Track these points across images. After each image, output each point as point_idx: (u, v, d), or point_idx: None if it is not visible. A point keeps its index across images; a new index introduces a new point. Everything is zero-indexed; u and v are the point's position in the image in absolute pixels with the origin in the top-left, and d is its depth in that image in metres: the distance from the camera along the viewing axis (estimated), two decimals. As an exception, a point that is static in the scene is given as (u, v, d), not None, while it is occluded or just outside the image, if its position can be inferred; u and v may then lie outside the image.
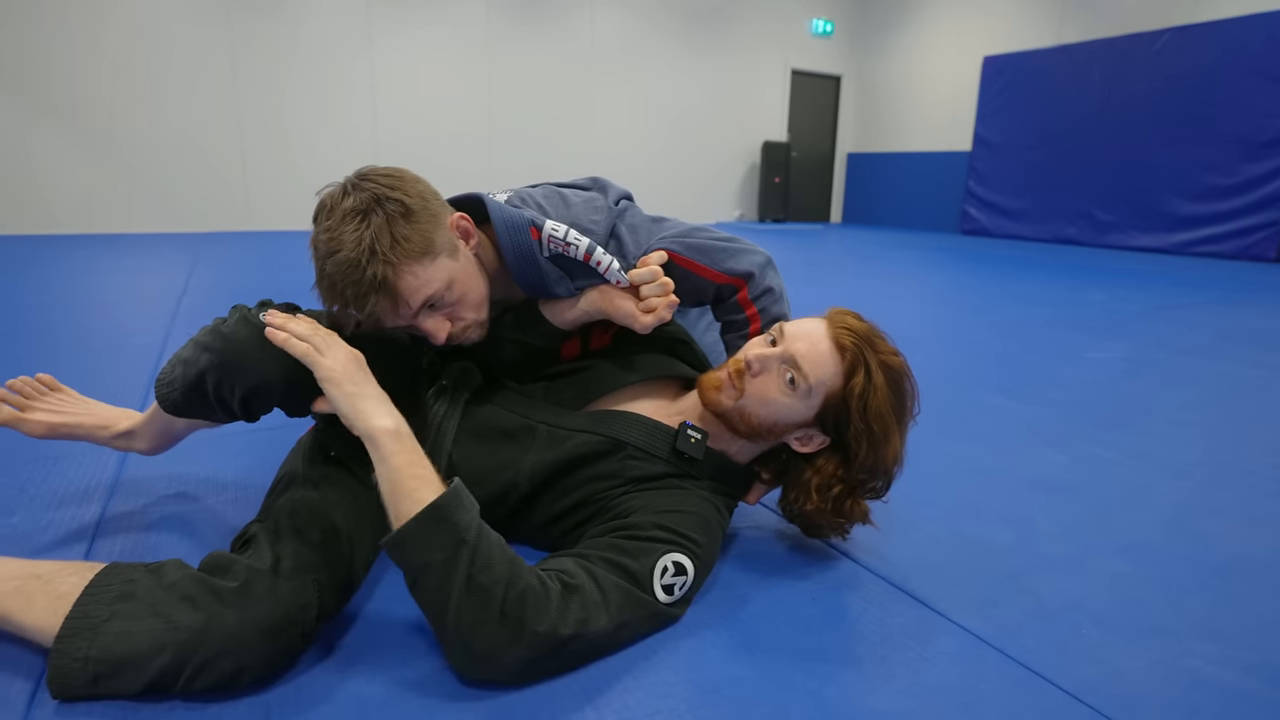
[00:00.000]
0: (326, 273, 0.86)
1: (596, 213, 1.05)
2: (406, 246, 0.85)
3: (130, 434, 1.08)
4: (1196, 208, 5.94)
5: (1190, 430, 1.67)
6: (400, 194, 0.87)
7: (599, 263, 0.98)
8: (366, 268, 0.83)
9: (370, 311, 0.87)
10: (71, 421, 1.07)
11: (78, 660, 0.70)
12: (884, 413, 0.93)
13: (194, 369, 0.84)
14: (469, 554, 0.73)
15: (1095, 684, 0.80)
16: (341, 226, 0.84)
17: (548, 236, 0.98)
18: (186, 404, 0.87)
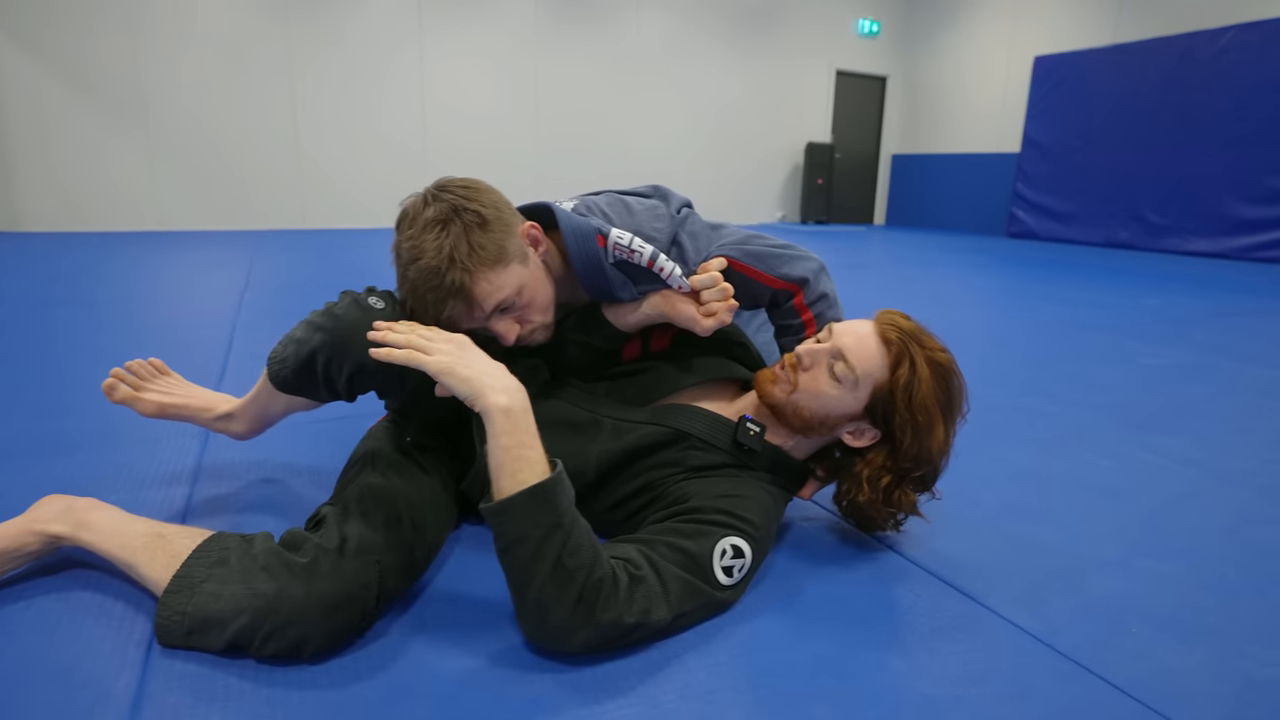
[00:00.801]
0: (409, 278, 0.93)
1: (659, 220, 1.10)
2: (482, 254, 0.92)
3: (229, 416, 1.15)
4: (1257, 211, 5.75)
5: (1246, 438, 1.65)
6: (477, 204, 0.94)
7: (662, 269, 1.03)
8: (445, 274, 0.90)
9: (447, 315, 0.93)
10: (179, 403, 1.16)
11: (177, 614, 0.80)
12: (929, 404, 0.96)
13: (306, 348, 0.91)
14: (563, 537, 0.78)
15: (1145, 680, 0.82)
16: (423, 235, 0.91)
17: (613, 244, 1.03)
18: (296, 381, 0.94)
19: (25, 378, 1.87)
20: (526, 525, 0.77)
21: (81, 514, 0.93)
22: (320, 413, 1.62)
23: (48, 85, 5.45)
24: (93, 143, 5.68)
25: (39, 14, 5.35)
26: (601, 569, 0.80)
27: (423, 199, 0.96)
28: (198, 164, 6.03)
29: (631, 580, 0.82)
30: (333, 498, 0.97)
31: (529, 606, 0.79)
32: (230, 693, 0.75)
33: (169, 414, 1.16)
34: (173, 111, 5.86)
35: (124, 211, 5.87)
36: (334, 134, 6.41)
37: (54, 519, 0.93)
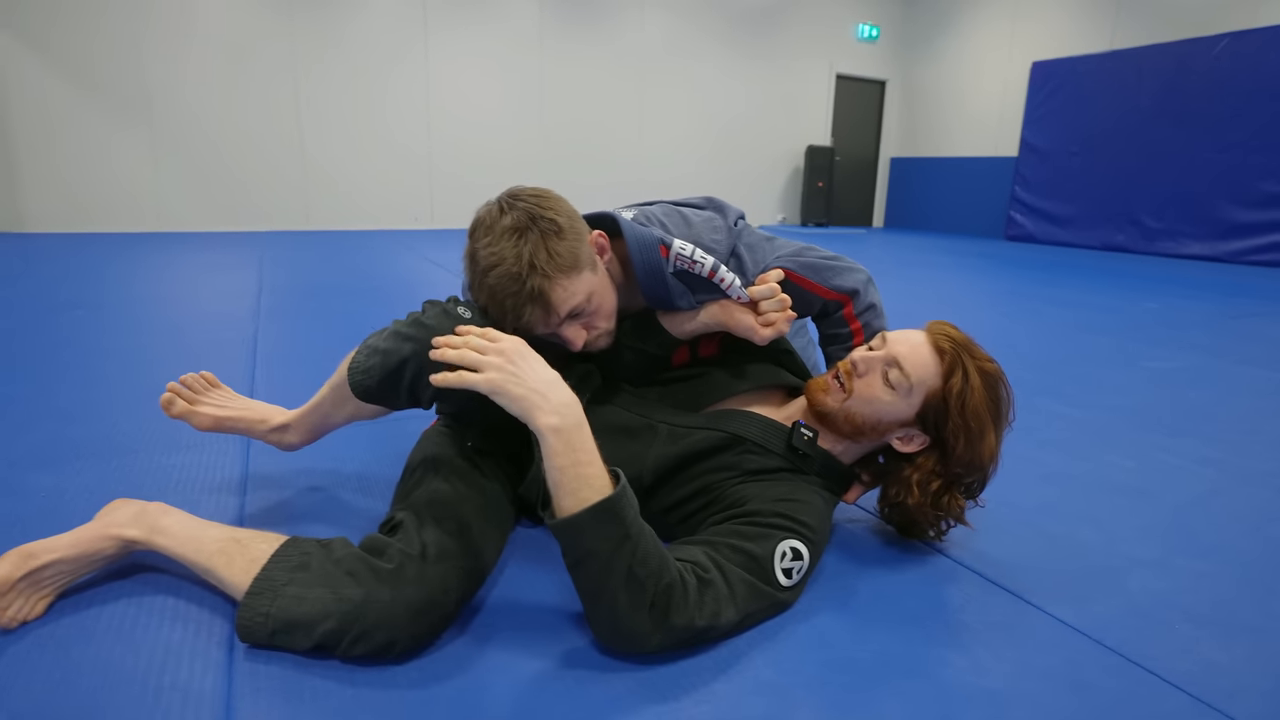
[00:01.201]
0: (488, 284, 0.95)
1: (717, 232, 1.13)
2: (558, 261, 0.95)
3: (284, 428, 1.15)
4: (1252, 215, 5.84)
5: (1258, 439, 1.70)
6: (551, 213, 0.96)
7: (723, 280, 1.06)
8: (526, 280, 0.93)
9: (525, 321, 0.96)
10: (234, 416, 1.16)
11: (260, 615, 0.82)
12: (981, 411, 1.00)
13: (395, 358, 0.91)
14: (631, 548, 0.79)
15: (1193, 675, 0.85)
16: (501, 242, 0.94)
17: (676, 254, 1.06)
18: (379, 390, 0.94)
19: (49, 383, 1.88)
20: (594, 541, 0.79)
21: (155, 519, 0.96)
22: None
23: (52, 84, 5.44)
24: (96, 142, 5.66)
25: (45, 13, 5.34)
26: (670, 574, 0.81)
27: (498, 207, 0.98)
28: (201, 164, 6.02)
29: (700, 583, 0.84)
30: (400, 503, 0.99)
31: (602, 615, 0.82)
32: (317, 693, 0.78)
33: (224, 427, 1.16)
34: (176, 111, 5.85)
35: (127, 212, 5.86)
36: (338, 135, 6.41)
37: (129, 524, 0.95)
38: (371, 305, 3.08)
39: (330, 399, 1.08)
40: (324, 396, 1.09)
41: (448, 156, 6.88)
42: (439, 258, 4.84)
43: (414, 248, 5.37)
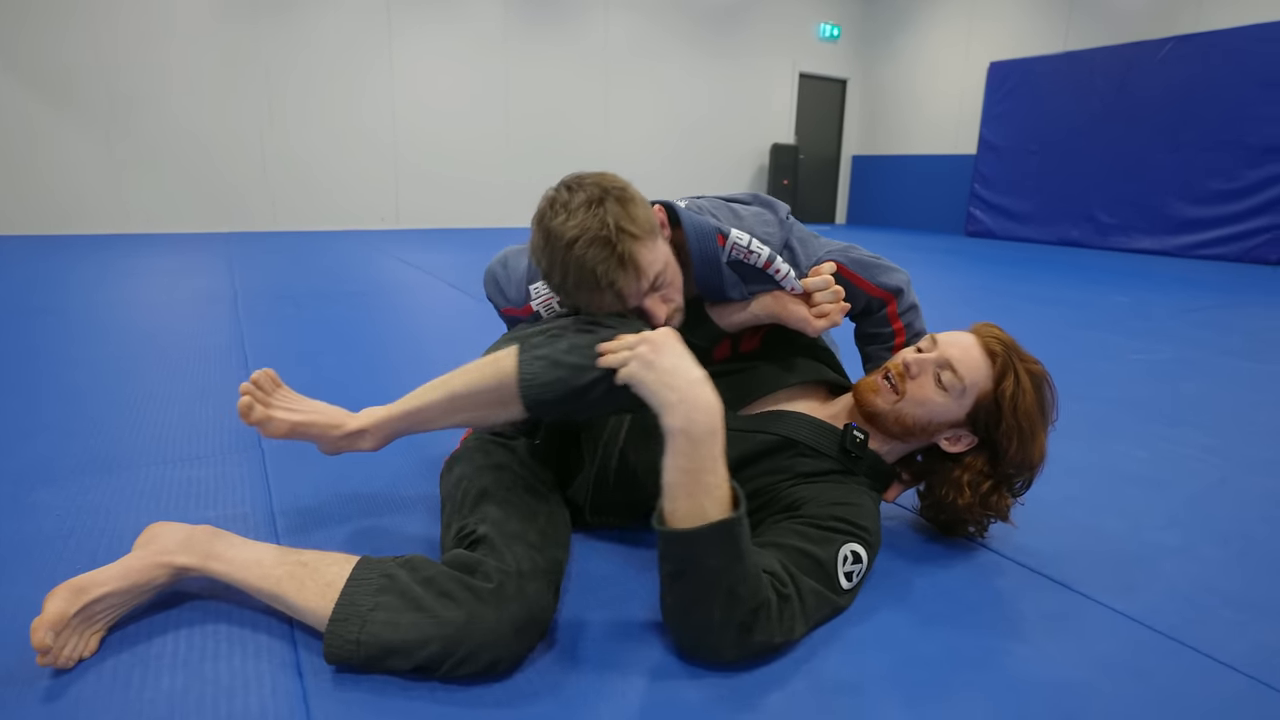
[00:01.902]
0: (575, 256, 0.93)
1: (768, 226, 1.14)
2: (639, 227, 0.94)
3: (360, 434, 1.02)
4: (1199, 211, 6.10)
5: (1255, 428, 1.78)
6: (619, 186, 0.96)
7: (778, 270, 1.07)
8: (616, 244, 0.92)
9: (616, 289, 0.94)
10: (308, 420, 1.00)
11: (350, 642, 0.79)
12: (1032, 413, 1.02)
13: (586, 376, 0.88)
14: (741, 571, 0.79)
15: (1248, 657, 0.89)
16: (581, 214, 0.93)
17: (732, 244, 1.06)
18: (555, 403, 0.90)
19: (38, 395, 1.79)
20: (706, 558, 0.78)
21: (208, 544, 0.91)
22: None
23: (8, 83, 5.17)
24: (57, 143, 5.40)
25: (11, 14, 5.07)
26: (763, 594, 0.81)
27: (565, 188, 0.97)
28: (165, 165, 5.79)
29: (780, 599, 0.84)
30: (467, 515, 0.94)
31: (690, 625, 0.82)
32: (403, 715, 0.76)
33: (298, 434, 1.00)
34: (140, 112, 5.62)
35: (89, 214, 5.60)
36: (304, 135, 6.24)
37: (179, 550, 0.90)
38: (354, 310, 3.01)
39: (443, 406, 0.97)
40: (431, 403, 0.98)
41: (414, 157, 6.77)
42: (411, 258, 4.75)
43: (383, 249, 5.27)
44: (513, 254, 1.27)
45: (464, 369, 0.96)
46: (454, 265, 4.52)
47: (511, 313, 1.24)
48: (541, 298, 1.17)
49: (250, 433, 1.57)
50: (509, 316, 1.27)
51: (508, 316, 1.27)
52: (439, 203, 7.00)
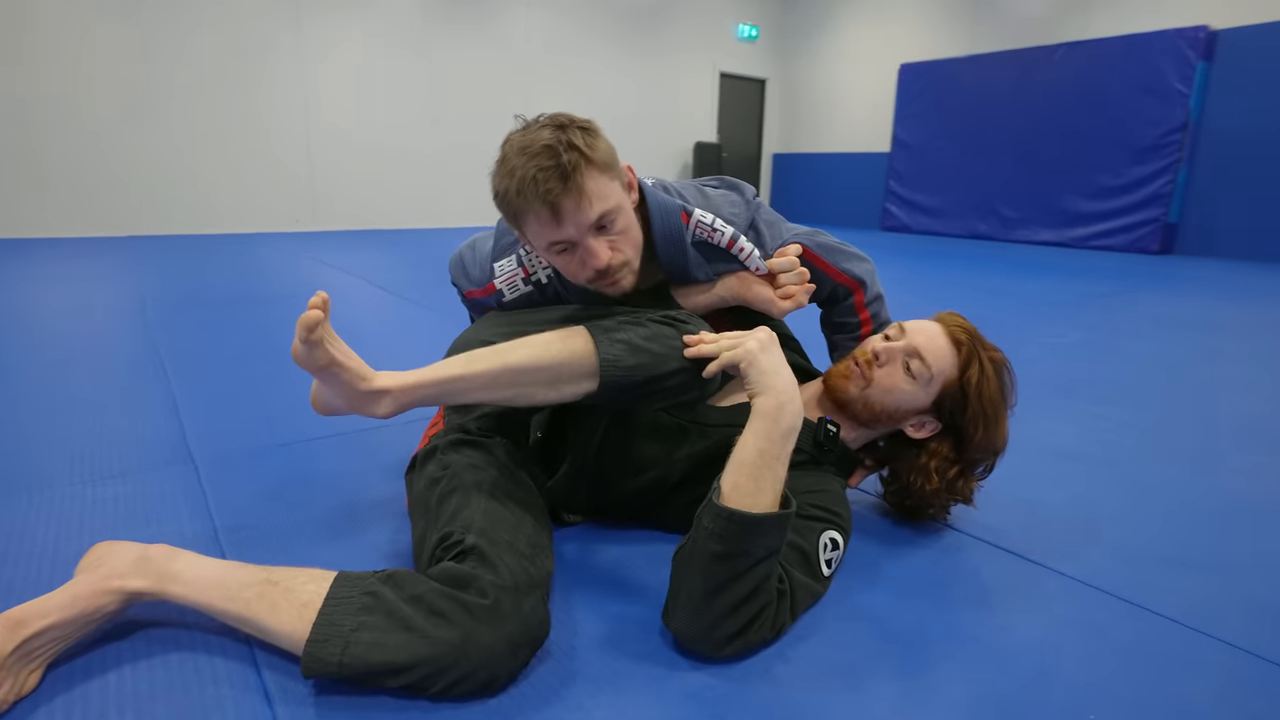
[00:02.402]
0: (521, 162, 0.90)
1: (734, 207, 1.14)
2: (594, 154, 0.92)
3: (383, 394, 0.92)
4: (1091, 205, 6.56)
5: (1166, 402, 1.92)
6: (586, 121, 0.96)
7: (742, 249, 1.07)
8: (561, 155, 0.89)
9: (554, 204, 0.90)
10: (345, 362, 0.90)
11: (331, 665, 0.74)
12: (996, 399, 1.07)
13: (669, 364, 0.91)
14: (774, 564, 0.83)
15: (1182, 609, 0.96)
16: (539, 131, 0.92)
17: (696, 222, 1.06)
18: (628, 386, 0.91)
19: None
20: (758, 545, 0.81)
21: (163, 564, 0.84)
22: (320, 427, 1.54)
23: None
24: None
25: None
26: (773, 594, 0.85)
27: (535, 117, 0.97)
28: (52, 163, 5.32)
29: (779, 596, 0.87)
30: (449, 523, 0.89)
31: (706, 611, 0.81)
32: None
33: (332, 371, 0.89)
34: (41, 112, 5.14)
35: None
36: (209, 132, 5.87)
37: (131, 573, 0.83)
38: (276, 314, 2.86)
39: (492, 377, 0.92)
40: (478, 373, 0.92)
41: (329, 157, 6.49)
42: (333, 260, 4.56)
43: (301, 251, 5.03)
44: (480, 238, 1.25)
45: (520, 342, 0.93)
46: (379, 266, 4.37)
47: (474, 294, 1.21)
48: (505, 275, 1.15)
49: (179, 446, 1.47)
50: (472, 300, 1.24)
51: (470, 300, 1.25)
52: (359, 203, 6.75)
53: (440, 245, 5.60)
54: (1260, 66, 5.67)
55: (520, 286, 1.14)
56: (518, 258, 1.14)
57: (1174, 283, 4.42)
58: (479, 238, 1.27)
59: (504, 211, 0.98)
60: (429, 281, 3.75)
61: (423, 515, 0.96)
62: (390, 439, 1.52)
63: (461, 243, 1.29)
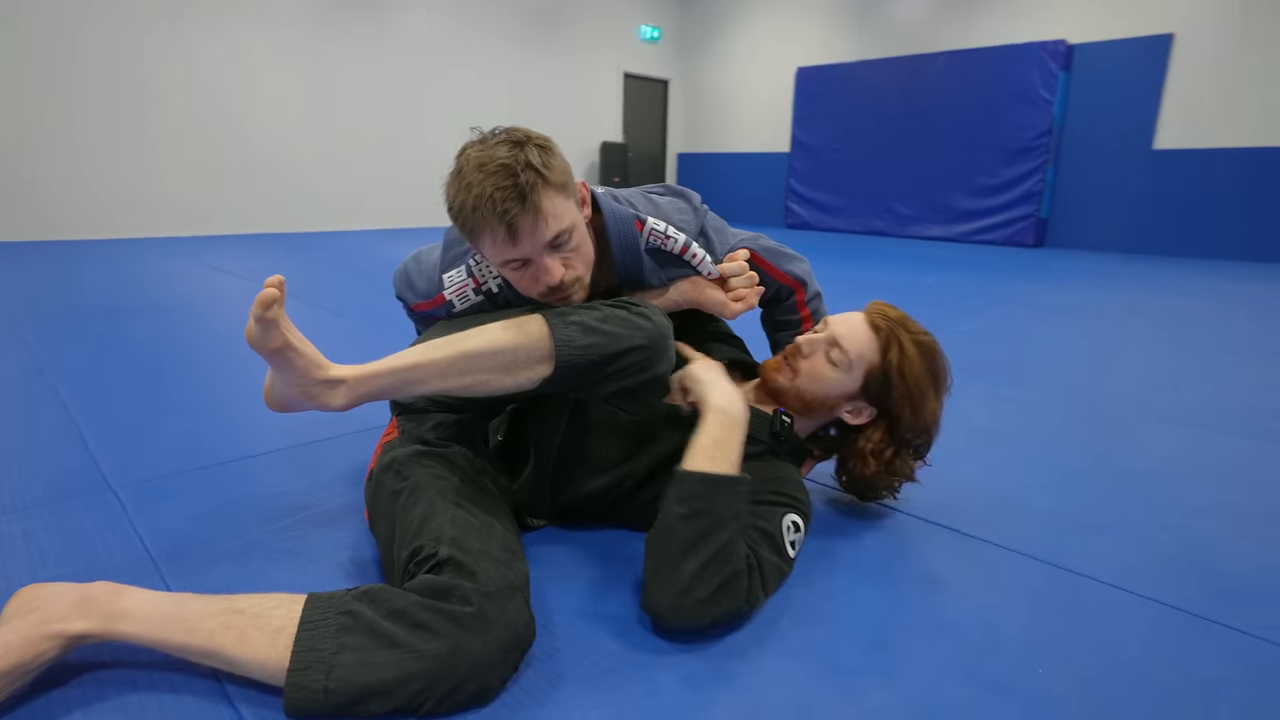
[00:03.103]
0: (477, 179, 0.90)
1: (683, 214, 1.17)
2: (550, 174, 0.93)
3: (338, 383, 0.91)
4: (973, 203, 7.08)
5: (1060, 383, 2.11)
6: (544, 139, 0.97)
7: (695, 255, 1.11)
8: (519, 175, 0.90)
9: (510, 223, 0.91)
10: (299, 346, 0.89)
11: (316, 692, 0.71)
12: (920, 379, 1.13)
13: (623, 343, 0.92)
14: (738, 528, 0.90)
15: (1103, 568, 1.08)
16: (496, 148, 0.92)
17: (649, 230, 1.09)
18: (582, 369, 0.93)
19: None
20: (719, 505, 0.89)
21: (108, 604, 0.78)
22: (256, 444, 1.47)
23: None
24: None
25: None
26: (742, 564, 0.89)
27: (491, 131, 0.97)
28: None
29: (749, 570, 0.91)
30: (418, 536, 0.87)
31: (680, 579, 0.85)
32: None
33: (285, 354, 0.88)
34: None
35: None
36: (81, 130, 5.36)
37: (72, 615, 0.76)
38: (181, 323, 2.67)
39: (448, 364, 0.92)
40: (433, 360, 0.92)
41: (213, 154, 6.07)
42: (229, 266, 4.29)
43: (193, 256, 4.70)
44: (425, 250, 1.24)
45: (476, 330, 0.94)
46: (283, 271, 4.13)
47: (422, 307, 1.20)
48: (455, 285, 1.14)
49: (91, 473, 1.35)
50: (419, 313, 1.23)
51: (417, 313, 1.23)
52: (246, 205, 6.35)
53: (343, 249, 5.37)
54: (1108, 77, 6.30)
55: (471, 297, 1.14)
56: (468, 268, 1.13)
57: (1050, 273, 4.84)
58: (423, 251, 1.26)
59: (460, 226, 0.97)
60: (342, 287, 3.59)
61: (387, 530, 0.94)
62: (333, 452, 1.46)
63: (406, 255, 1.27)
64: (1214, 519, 1.26)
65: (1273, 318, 3.34)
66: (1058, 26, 6.53)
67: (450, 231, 1.18)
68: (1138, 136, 6.23)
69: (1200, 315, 3.34)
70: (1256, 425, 1.78)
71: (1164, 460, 1.53)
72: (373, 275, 3.95)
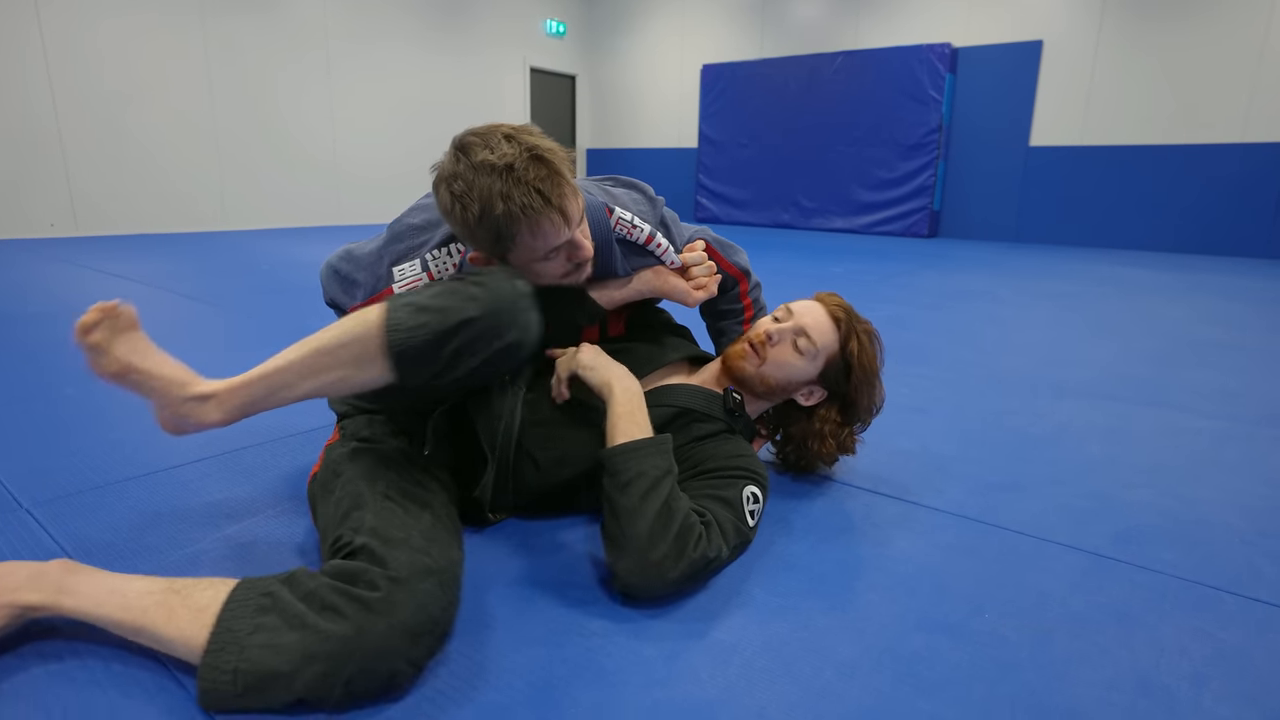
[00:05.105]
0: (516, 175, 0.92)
1: (640, 205, 1.20)
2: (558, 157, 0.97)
3: (207, 399, 0.91)
4: (872, 196, 7.46)
5: (970, 363, 2.29)
6: (525, 125, 0.99)
7: (659, 245, 1.14)
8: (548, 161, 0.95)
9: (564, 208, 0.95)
10: (149, 369, 0.90)
11: (226, 674, 0.71)
12: (872, 365, 1.23)
13: (455, 316, 0.86)
14: (672, 481, 0.95)
15: (1024, 522, 1.19)
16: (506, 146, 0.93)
17: (617, 220, 1.11)
18: (421, 352, 0.87)
19: None
20: (646, 464, 0.95)
21: (59, 579, 0.80)
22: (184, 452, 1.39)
23: None
24: None
25: None
26: (692, 516, 0.94)
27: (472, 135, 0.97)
28: None
29: (705, 525, 0.97)
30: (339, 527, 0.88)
31: (638, 541, 0.89)
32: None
33: (130, 379, 0.90)
34: None
35: None
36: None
37: (24, 587, 0.79)
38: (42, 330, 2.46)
39: (304, 365, 0.90)
40: (291, 362, 0.90)
41: (88, 152, 5.58)
42: (115, 268, 3.97)
43: (66, 259, 4.31)
44: (353, 246, 1.19)
45: (330, 325, 0.91)
46: (176, 273, 3.88)
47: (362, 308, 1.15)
48: (408, 280, 1.09)
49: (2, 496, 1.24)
50: None
51: None
52: (128, 206, 5.88)
53: (236, 248, 5.07)
54: (989, 79, 6.79)
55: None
56: (423, 262, 1.10)
57: (946, 261, 5.18)
58: (351, 245, 1.21)
59: (494, 230, 0.95)
60: (239, 289, 3.40)
61: (323, 524, 0.95)
62: (273, 456, 1.41)
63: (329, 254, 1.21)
64: (1110, 473, 1.42)
65: (1139, 297, 3.72)
66: (943, 30, 6.97)
67: (396, 225, 1.15)
68: (1016, 134, 6.75)
69: (1078, 298, 3.67)
70: (1140, 393, 1.99)
71: (1062, 425, 1.70)
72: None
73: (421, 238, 1.10)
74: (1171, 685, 0.81)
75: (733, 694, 0.78)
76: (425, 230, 1.11)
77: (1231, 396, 1.97)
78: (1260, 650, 0.88)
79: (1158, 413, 1.81)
